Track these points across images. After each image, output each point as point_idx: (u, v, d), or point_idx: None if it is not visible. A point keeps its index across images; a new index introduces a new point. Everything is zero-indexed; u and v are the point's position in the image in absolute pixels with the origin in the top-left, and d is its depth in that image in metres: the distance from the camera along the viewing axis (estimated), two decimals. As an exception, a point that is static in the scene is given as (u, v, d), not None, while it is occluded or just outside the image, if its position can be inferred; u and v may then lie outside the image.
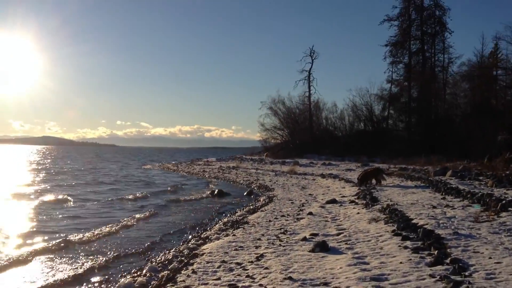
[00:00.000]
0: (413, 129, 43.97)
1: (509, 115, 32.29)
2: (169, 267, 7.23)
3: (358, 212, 10.80)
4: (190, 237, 10.44)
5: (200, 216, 14.01)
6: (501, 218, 8.05)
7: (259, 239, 8.68)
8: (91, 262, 8.25)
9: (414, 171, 22.40)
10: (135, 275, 7.24)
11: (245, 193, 20.08)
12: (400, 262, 5.88)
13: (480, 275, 5.01)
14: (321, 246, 7.18)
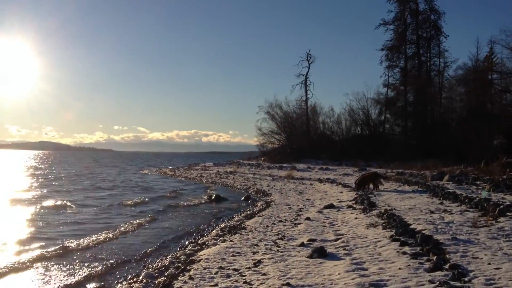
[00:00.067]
0: (410, 133, 44.07)
1: (504, 119, 32.38)
2: (166, 273, 7.17)
3: (356, 217, 10.77)
4: (187, 243, 10.38)
5: (197, 222, 13.95)
6: (499, 223, 8.04)
7: (256, 244, 8.63)
8: (88, 269, 8.19)
9: (411, 175, 22.40)
10: (132, 281, 7.18)
11: (243, 198, 20.03)
12: (399, 268, 5.85)
13: (480, 281, 4.99)
14: (319, 251, 7.15)
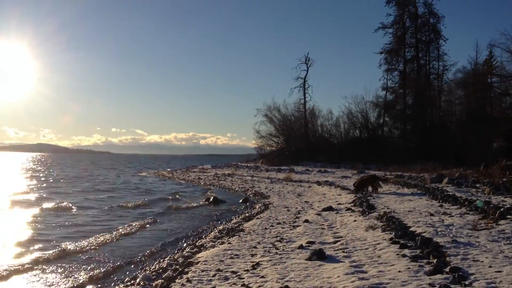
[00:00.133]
0: (408, 137, 44.10)
1: (504, 122, 32.38)
2: (163, 276, 7.09)
3: (355, 220, 10.71)
4: (185, 245, 10.30)
5: (195, 224, 13.87)
6: (499, 226, 7.98)
7: (255, 247, 8.56)
8: (85, 272, 8.11)
9: (410, 178, 22.36)
10: (129, 284, 7.09)
11: (241, 200, 19.96)
12: (399, 270, 5.79)
13: (481, 284, 4.93)
14: (318, 254, 7.08)
